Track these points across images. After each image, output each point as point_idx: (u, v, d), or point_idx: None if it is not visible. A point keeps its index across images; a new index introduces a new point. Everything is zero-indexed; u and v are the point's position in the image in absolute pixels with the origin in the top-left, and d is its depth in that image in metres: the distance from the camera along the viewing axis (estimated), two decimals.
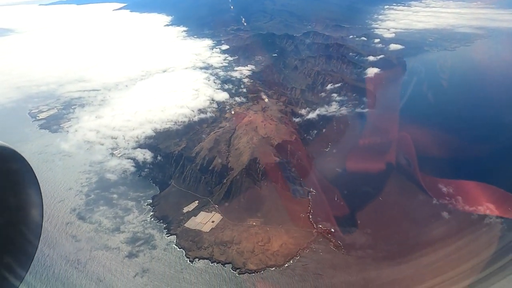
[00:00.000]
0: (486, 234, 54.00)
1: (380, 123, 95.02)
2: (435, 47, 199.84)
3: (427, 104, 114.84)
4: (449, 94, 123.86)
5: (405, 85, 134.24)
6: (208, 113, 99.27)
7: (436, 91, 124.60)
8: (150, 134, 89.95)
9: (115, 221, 70.84)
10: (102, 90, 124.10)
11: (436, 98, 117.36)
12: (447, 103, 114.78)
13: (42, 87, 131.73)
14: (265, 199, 72.47)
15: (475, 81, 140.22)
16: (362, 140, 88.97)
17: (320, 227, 65.22)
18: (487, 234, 53.96)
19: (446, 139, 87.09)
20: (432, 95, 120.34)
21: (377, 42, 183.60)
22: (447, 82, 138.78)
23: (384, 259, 56.79)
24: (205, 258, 60.67)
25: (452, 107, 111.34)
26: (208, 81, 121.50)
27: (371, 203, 70.59)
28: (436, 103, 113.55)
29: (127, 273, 59.39)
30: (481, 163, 74.55)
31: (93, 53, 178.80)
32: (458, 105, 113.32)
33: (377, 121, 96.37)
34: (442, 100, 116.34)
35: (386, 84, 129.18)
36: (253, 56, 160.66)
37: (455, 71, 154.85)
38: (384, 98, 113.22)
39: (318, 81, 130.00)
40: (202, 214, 70.89)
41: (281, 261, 58.43)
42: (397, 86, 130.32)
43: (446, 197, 65.44)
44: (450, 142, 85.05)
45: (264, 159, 78.47)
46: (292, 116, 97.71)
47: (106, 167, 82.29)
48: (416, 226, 60.72)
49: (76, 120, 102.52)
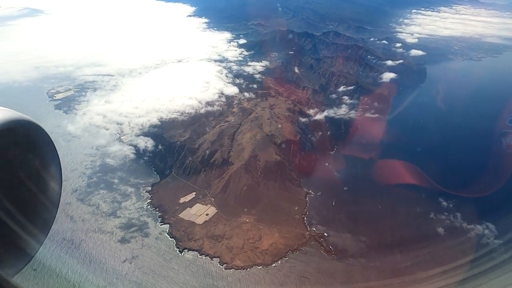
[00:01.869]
0: (481, 255, 51.87)
1: (389, 131, 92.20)
2: (459, 56, 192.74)
3: (442, 115, 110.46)
4: (469, 107, 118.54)
5: (422, 94, 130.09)
6: (216, 106, 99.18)
7: (454, 102, 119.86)
8: (155, 123, 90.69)
9: (112, 205, 71.93)
10: (116, 76, 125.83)
11: (454, 110, 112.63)
12: (464, 116, 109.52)
13: (60, 68, 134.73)
14: (262, 197, 71.98)
15: (498, 95, 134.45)
16: (367, 147, 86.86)
17: (313, 230, 64.36)
18: (482, 254, 51.84)
19: (456, 153, 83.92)
20: (450, 106, 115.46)
21: (398, 47, 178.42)
22: (468, 94, 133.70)
23: (374, 270, 55.51)
24: (195, 250, 60.93)
25: (469, 121, 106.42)
26: (220, 74, 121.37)
27: (369, 211, 69.09)
28: (453, 115, 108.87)
29: (118, 257, 60.29)
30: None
31: (113, 39, 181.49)
32: (475, 119, 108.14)
33: (386, 128, 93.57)
34: (459, 113, 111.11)
35: (401, 91, 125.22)
36: (269, 52, 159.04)
37: (479, 83, 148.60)
38: (397, 105, 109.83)
39: (332, 82, 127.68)
40: (197, 206, 71.10)
41: (269, 260, 58.01)
42: (413, 94, 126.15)
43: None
44: (461, 158, 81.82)
45: (265, 156, 77.87)
46: (300, 115, 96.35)
47: (109, 152, 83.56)
48: (412, 240, 58.84)
49: (86, 103, 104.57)
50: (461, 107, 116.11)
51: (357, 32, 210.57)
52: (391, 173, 78.81)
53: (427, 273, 49.77)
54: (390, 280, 53.29)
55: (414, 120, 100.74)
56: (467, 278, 44.06)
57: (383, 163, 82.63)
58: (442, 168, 77.23)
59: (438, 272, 49.40)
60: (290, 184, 76.31)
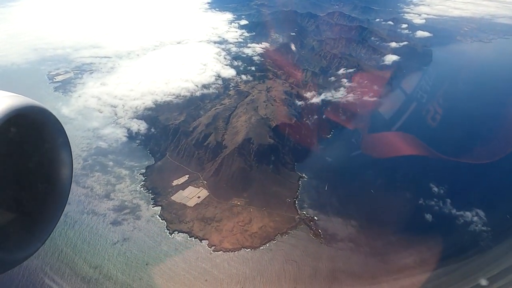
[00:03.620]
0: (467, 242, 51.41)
1: (387, 115, 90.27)
2: (469, 38, 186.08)
3: (445, 98, 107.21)
4: (474, 90, 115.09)
5: (426, 77, 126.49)
6: (212, 89, 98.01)
7: (460, 86, 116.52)
8: (150, 105, 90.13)
9: (106, 188, 72.48)
10: (113, 58, 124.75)
11: (459, 94, 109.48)
12: (468, 100, 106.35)
13: (59, 50, 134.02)
14: (254, 180, 71.77)
15: (505, 78, 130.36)
16: (363, 129, 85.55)
17: (303, 213, 64.21)
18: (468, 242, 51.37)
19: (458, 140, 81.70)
20: (455, 90, 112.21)
21: (404, 28, 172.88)
22: (474, 76, 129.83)
23: (361, 254, 55.49)
24: (184, 232, 61.38)
25: (473, 104, 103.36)
26: (218, 57, 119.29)
27: (362, 195, 68.48)
28: (457, 99, 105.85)
29: (110, 239, 61.20)
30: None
31: (113, 20, 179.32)
32: (480, 103, 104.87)
33: (383, 112, 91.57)
34: (464, 97, 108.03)
35: (404, 73, 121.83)
36: (270, 33, 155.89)
37: (487, 65, 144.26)
38: (398, 89, 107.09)
39: (333, 64, 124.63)
40: (190, 189, 71.31)
41: (257, 243, 58.27)
42: (417, 77, 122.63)
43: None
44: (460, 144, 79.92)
45: (258, 140, 77.15)
46: (296, 98, 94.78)
47: (102, 135, 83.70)
48: (399, 226, 58.36)
49: (81, 86, 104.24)
50: (466, 91, 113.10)
51: (363, 12, 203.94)
52: (391, 145, 78.26)
53: (409, 259, 49.66)
54: (376, 264, 53.27)
55: (414, 104, 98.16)
56: (450, 265, 43.92)
57: (382, 135, 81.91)
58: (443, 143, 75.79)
59: (422, 260, 49.52)
60: (283, 167, 75.82)
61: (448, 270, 47.15)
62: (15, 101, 5.04)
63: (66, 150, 6.18)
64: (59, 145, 6.03)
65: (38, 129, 5.65)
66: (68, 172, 6.21)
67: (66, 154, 6.17)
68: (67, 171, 6.18)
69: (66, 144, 6.18)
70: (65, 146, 6.15)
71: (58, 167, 6.07)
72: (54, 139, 5.93)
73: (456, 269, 47.23)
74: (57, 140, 5.98)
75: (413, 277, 49.88)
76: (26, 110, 5.17)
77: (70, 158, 6.25)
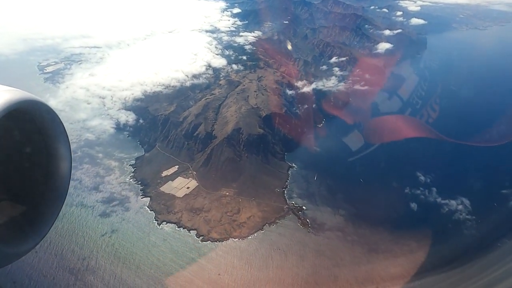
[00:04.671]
0: (452, 230, 51.72)
1: (379, 103, 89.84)
2: (464, 25, 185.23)
3: (438, 87, 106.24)
4: (465, 77, 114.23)
5: (419, 65, 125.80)
6: (202, 79, 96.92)
7: (454, 74, 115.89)
8: (139, 96, 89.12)
9: (95, 180, 71.98)
10: (103, 48, 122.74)
11: (452, 82, 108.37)
12: (461, 88, 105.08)
13: (48, 40, 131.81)
14: (243, 170, 71.57)
15: (499, 66, 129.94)
16: (355, 119, 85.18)
17: (292, 203, 64.30)
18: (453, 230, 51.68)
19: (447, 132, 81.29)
20: (448, 78, 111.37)
21: (398, 15, 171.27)
22: (467, 64, 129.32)
23: (349, 243, 55.79)
24: (173, 222, 61.33)
25: (466, 92, 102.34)
26: (210, 46, 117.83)
27: (351, 185, 68.52)
28: (450, 88, 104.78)
29: (98, 231, 61.11)
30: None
31: (104, 9, 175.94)
32: (472, 91, 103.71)
33: (375, 101, 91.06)
34: (457, 85, 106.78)
35: (397, 62, 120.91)
36: (263, 22, 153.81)
37: (481, 53, 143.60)
38: (390, 77, 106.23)
39: (326, 53, 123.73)
40: (179, 179, 71.11)
41: (245, 233, 58.39)
42: (410, 66, 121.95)
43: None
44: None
45: (248, 130, 76.70)
46: (287, 88, 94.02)
47: (89, 126, 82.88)
48: (385, 215, 58.59)
49: (70, 76, 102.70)
50: (459, 78, 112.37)
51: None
52: (391, 128, 78.41)
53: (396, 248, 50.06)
54: (362, 252, 53.66)
55: (406, 92, 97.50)
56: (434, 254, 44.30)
57: (381, 119, 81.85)
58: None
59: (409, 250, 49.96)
60: (273, 157, 75.64)
61: (432, 259, 47.50)
62: (14, 95, 5.00)
63: (65, 144, 6.21)
64: (57, 139, 6.04)
65: (36, 123, 5.66)
66: (67, 166, 6.24)
67: (65, 148, 6.21)
68: (66, 165, 6.22)
69: (65, 138, 6.20)
70: (64, 140, 6.18)
71: (57, 161, 6.08)
72: (53, 134, 5.94)
73: (442, 256, 47.71)
74: (56, 134, 6.00)
75: (401, 266, 50.33)
76: (24, 104, 5.16)
77: (69, 152, 6.31)
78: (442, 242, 49.19)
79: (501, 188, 58.61)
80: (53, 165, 6.04)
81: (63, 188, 6.21)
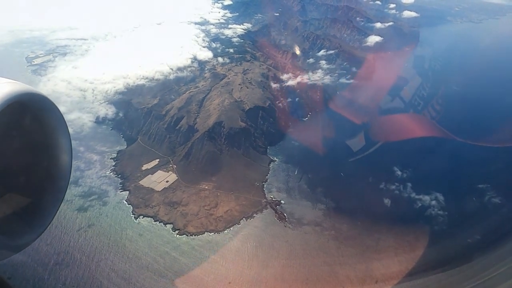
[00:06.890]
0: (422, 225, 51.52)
1: (363, 98, 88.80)
2: (459, 18, 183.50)
3: (427, 82, 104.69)
4: (457, 71, 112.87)
5: (410, 59, 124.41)
6: (187, 72, 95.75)
7: (445, 68, 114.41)
8: (121, 89, 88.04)
9: (75, 174, 71.00)
10: (89, 40, 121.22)
11: (442, 76, 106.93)
12: (452, 83, 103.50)
13: (35, 32, 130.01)
14: (223, 164, 71.08)
15: (490, 60, 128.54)
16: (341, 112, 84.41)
17: (270, 197, 63.94)
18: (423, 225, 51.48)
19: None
20: (439, 72, 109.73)
21: (391, 8, 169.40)
22: (460, 58, 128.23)
23: (326, 237, 55.62)
24: (150, 216, 60.97)
25: (458, 87, 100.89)
26: (197, 38, 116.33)
27: (332, 179, 68.16)
28: (440, 82, 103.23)
29: (74, 225, 60.60)
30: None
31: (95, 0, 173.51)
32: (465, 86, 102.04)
33: (360, 95, 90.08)
34: (447, 80, 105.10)
35: (387, 55, 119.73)
36: (254, 13, 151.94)
37: (474, 47, 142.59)
38: (378, 71, 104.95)
39: (316, 46, 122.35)
40: (158, 173, 70.59)
41: (222, 227, 58.12)
42: (400, 59, 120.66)
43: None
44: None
45: (229, 123, 76.04)
46: (273, 81, 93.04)
47: (68, 120, 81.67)
48: (360, 210, 58.41)
49: (53, 69, 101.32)
50: (450, 73, 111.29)
51: None
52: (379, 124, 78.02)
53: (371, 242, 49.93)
54: (337, 247, 53.53)
55: (394, 87, 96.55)
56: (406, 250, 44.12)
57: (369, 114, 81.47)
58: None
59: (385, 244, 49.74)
60: (255, 151, 75.09)
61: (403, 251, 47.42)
62: (14, 88, 4.97)
63: (65, 136, 6.24)
64: (58, 131, 6.06)
65: (37, 116, 5.68)
66: (67, 158, 6.28)
67: (65, 140, 6.24)
68: (66, 157, 6.25)
69: (65, 130, 6.24)
70: (64, 132, 6.21)
71: (58, 153, 6.10)
72: (53, 126, 5.96)
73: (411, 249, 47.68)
74: (56, 127, 6.02)
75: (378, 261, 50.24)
76: (25, 97, 5.15)
77: (69, 145, 6.33)
78: (415, 240, 49.13)
79: (478, 182, 58.29)
80: (54, 157, 6.05)
81: (64, 180, 6.24)
